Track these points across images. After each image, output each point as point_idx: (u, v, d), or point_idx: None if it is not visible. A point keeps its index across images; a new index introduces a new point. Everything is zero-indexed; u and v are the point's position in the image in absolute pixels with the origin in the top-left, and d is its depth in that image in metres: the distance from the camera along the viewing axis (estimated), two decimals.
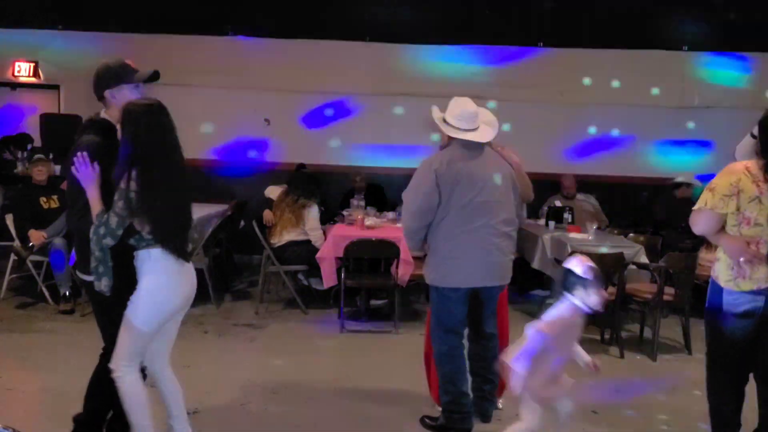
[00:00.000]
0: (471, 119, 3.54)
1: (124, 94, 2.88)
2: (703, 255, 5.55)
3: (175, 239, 2.82)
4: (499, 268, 3.58)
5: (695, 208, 3.02)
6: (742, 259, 2.90)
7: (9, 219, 5.95)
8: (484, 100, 6.88)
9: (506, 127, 5.69)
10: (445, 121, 3.61)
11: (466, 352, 3.69)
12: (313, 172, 7.14)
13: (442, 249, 3.53)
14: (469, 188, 3.46)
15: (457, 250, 3.49)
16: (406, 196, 3.63)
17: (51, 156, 6.79)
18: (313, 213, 6.13)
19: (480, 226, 3.48)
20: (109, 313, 2.88)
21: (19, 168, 7.46)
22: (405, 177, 3.90)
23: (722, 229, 2.99)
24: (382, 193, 7.82)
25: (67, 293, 5.75)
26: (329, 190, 7.77)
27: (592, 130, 8.08)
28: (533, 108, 7.85)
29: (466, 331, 3.71)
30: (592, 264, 2.85)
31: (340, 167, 8.07)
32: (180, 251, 2.84)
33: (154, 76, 2.99)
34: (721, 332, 2.99)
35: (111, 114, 2.95)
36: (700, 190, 3.08)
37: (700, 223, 3.00)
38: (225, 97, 7.98)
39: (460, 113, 3.56)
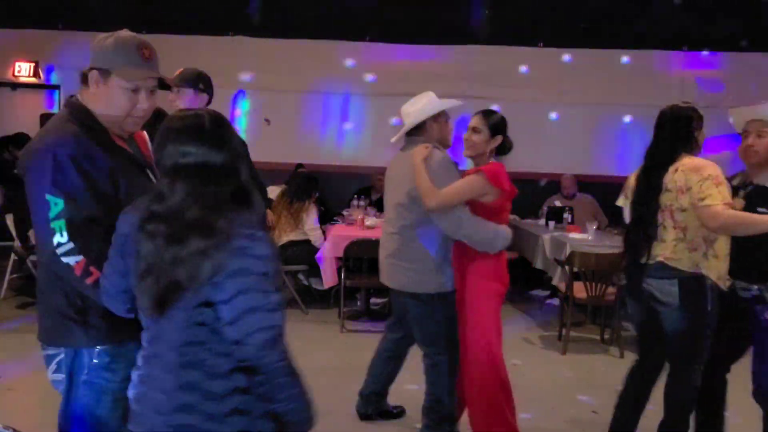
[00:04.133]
0: (404, 117, 3.51)
1: None
2: None
3: None
4: (386, 269, 3.46)
5: None
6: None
7: (9, 219, 5.94)
8: (484, 100, 6.94)
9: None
10: None
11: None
12: (312, 172, 7.14)
13: None
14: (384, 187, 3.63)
15: None
16: None
17: None
18: (310, 213, 6.13)
19: (384, 222, 3.60)
20: None
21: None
22: None
23: None
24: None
25: None
26: (329, 190, 7.78)
27: (592, 129, 8.10)
28: (533, 108, 7.86)
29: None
30: None
31: (341, 167, 8.07)
32: None
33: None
34: None
35: None
36: None
37: (624, 216, 3.32)
38: (226, 97, 7.99)
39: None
